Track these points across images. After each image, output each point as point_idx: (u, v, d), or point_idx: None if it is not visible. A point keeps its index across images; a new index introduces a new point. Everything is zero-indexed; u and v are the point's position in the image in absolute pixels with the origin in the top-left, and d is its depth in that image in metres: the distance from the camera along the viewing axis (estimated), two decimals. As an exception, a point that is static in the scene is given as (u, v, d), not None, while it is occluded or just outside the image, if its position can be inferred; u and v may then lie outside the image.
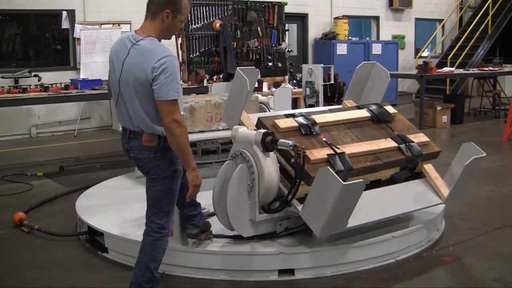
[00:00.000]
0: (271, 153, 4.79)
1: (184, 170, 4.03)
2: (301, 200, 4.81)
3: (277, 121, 5.21)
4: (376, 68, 6.18)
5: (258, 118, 5.30)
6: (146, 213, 4.21)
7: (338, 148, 5.06)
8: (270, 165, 4.76)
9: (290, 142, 4.45)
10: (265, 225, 5.05)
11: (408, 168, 5.52)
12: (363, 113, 5.73)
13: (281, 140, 4.64)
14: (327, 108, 6.13)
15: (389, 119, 5.73)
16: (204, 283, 4.81)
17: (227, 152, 5.93)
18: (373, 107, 5.83)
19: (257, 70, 6.05)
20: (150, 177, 4.06)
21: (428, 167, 5.64)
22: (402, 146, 5.40)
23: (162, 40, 4.01)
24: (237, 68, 5.38)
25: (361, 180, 4.47)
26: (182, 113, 4.21)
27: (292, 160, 4.57)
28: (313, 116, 5.44)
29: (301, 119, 5.30)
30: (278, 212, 4.92)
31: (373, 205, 5.14)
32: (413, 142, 5.49)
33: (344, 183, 4.27)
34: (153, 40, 3.91)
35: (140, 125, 3.95)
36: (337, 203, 4.37)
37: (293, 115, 5.39)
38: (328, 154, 4.96)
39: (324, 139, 5.17)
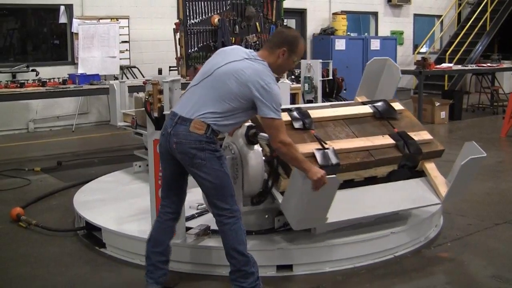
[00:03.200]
0: (256, 147, 4.88)
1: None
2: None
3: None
4: (388, 64, 6.13)
5: None
6: (209, 206, 4.36)
7: (326, 143, 5.08)
8: (253, 158, 4.85)
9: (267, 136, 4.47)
10: (253, 217, 5.16)
11: (407, 166, 5.42)
12: (366, 109, 5.68)
13: (261, 134, 4.73)
14: (328, 104, 6.13)
15: (393, 116, 5.65)
16: (201, 278, 4.80)
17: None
18: (379, 104, 5.75)
19: None
20: (195, 162, 4.09)
21: (429, 166, 5.52)
22: (400, 143, 5.34)
23: None
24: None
25: (334, 176, 4.42)
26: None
27: (268, 154, 4.82)
28: (311, 111, 5.44)
29: (295, 114, 5.33)
30: (260, 204, 5.11)
31: (362, 201, 5.13)
32: (412, 139, 5.40)
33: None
34: (265, 65, 4.18)
35: (199, 111, 4.08)
36: (309, 197, 4.37)
37: (289, 110, 5.40)
38: (314, 149, 5.00)
39: (315, 134, 5.19)
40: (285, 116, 5.24)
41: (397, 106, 5.78)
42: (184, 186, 4.43)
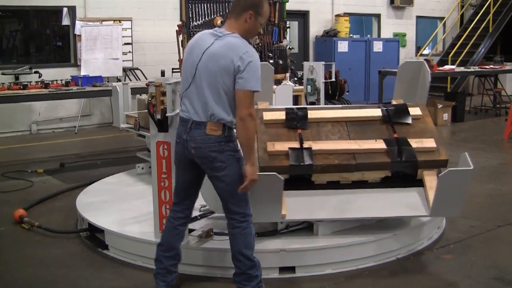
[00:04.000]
0: None
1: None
2: None
3: (264, 113, 5.50)
4: (424, 68, 5.83)
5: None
6: (223, 209, 4.33)
7: (303, 143, 5.18)
8: None
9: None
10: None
11: (403, 173, 5.22)
12: (376, 112, 5.56)
13: None
14: (340, 105, 6.15)
15: (404, 121, 5.46)
16: (204, 280, 4.80)
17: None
18: (393, 107, 5.57)
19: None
20: (215, 165, 4.10)
21: (429, 176, 5.25)
22: (392, 149, 5.19)
23: None
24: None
25: (274, 173, 4.56)
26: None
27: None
28: (314, 112, 5.52)
29: (291, 114, 5.46)
30: None
31: (341, 203, 5.16)
32: (409, 146, 5.21)
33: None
34: (238, 37, 4.11)
35: (207, 112, 4.06)
36: (254, 192, 4.44)
37: (290, 109, 5.56)
38: (289, 148, 5.13)
39: (300, 133, 5.30)
40: (279, 115, 5.48)
41: (415, 111, 5.55)
42: (198, 191, 4.48)
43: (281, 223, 5.18)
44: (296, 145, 5.21)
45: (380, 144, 5.25)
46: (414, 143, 5.26)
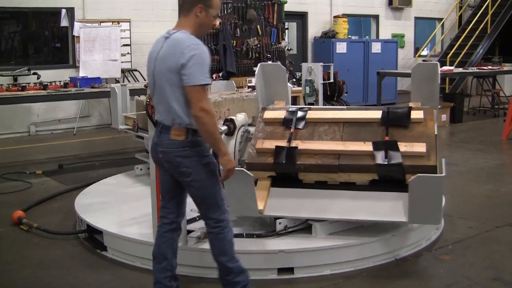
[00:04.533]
0: (234, 138, 5.60)
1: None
2: None
3: (266, 112, 5.72)
4: (436, 70, 5.65)
5: (261, 107, 5.88)
6: (200, 212, 4.33)
7: (290, 142, 5.31)
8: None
9: None
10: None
11: (390, 177, 5.13)
12: (375, 114, 5.49)
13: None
14: (344, 107, 6.15)
15: (403, 123, 5.29)
16: (203, 281, 4.81)
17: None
18: (395, 110, 5.47)
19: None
20: (181, 171, 4.06)
21: None
22: (379, 152, 5.08)
23: None
24: (260, 64, 5.97)
25: (243, 169, 4.66)
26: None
27: None
28: (313, 112, 5.59)
29: (288, 114, 5.58)
30: None
31: (320, 204, 5.19)
32: (397, 150, 5.06)
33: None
34: (185, 32, 4.03)
35: (170, 117, 4.01)
36: (227, 187, 4.57)
37: (292, 109, 5.69)
38: (276, 146, 5.27)
39: (292, 131, 5.41)
40: (279, 114, 5.63)
41: (418, 114, 5.36)
42: (182, 194, 4.32)
43: (279, 224, 5.18)
44: (283, 143, 5.31)
45: (367, 147, 5.18)
46: (403, 147, 5.09)
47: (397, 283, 4.86)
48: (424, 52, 19.79)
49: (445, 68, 15.14)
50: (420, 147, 5.07)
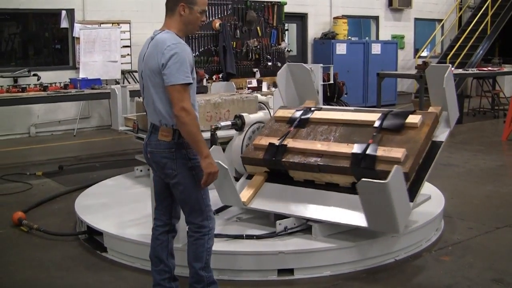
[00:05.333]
0: (243, 133, 6.01)
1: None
2: None
3: (278, 110, 6.02)
4: (450, 71, 5.46)
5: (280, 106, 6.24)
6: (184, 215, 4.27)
7: (281, 140, 5.51)
8: (235, 140, 6.08)
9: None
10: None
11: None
12: (372, 116, 5.47)
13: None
14: (352, 108, 6.14)
15: (395, 128, 5.21)
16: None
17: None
18: (394, 113, 5.42)
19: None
20: (166, 172, 4.04)
21: None
22: (357, 155, 5.04)
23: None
24: (287, 64, 6.18)
25: (218, 161, 4.54)
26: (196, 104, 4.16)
27: None
28: (319, 112, 5.67)
29: (297, 113, 5.75)
30: None
31: (298, 201, 5.28)
32: (373, 154, 5.00)
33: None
34: (169, 32, 4.00)
35: (157, 118, 4.00)
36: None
37: (299, 110, 5.89)
38: (269, 142, 5.52)
39: (290, 130, 5.62)
40: (288, 113, 5.88)
41: (414, 118, 5.25)
42: (173, 196, 4.26)
43: (279, 225, 5.19)
44: (277, 141, 5.48)
45: (348, 149, 5.16)
46: (382, 151, 5.00)
47: (397, 284, 4.86)
48: (424, 53, 19.79)
49: (445, 69, 15.12)
50: (397, 153, 4.95)
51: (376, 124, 5.36)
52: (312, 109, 5.83)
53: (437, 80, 5.47)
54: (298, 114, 5.77)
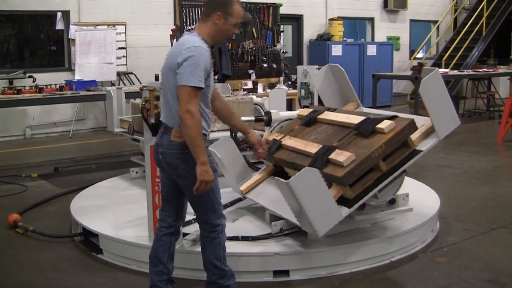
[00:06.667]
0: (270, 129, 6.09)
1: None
2: None
3: (304, 109, 6.19)
4: (435, 76, 5.30)
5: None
6: (196, 216, 4.29)
7: (281, 137, 5.67)
8: (264, 136, 6.06)
9: None
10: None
11: None
12: (356, 119, 5.33)
13: None
14: (364, 111, 6.08)
15: (364, 133, 5.00)
16: (198, 284, 4.80)
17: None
18: (371, 118, 5.22)
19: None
20: (179, 173, 4.05)
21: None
22: (315, 155, 5.00)
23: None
24: (328, 64, 6.22)
25: (211, 149, 4.91)
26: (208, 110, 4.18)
27: None
28: (327, 112, 5.69)
29: (310, 113, 5.83)
30: None
31: (280, 197, 5.10)
32: (324, 157, 4.93)
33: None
34: (196, 35, 4.03)
35: (172, 117, 4.02)
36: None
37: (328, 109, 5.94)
38: (273, 138, 5.72)
39: (296, 128, 5.76)
40: (307, 112, 5.90)
41: (385, 124, 4.93)
42: (180, 198, 4.30)
43: (275, 226, 5.19)
44: (278, 137, 5.64)
45: (315, 149, 5.12)
46: (334, 154, 4.88)
47: (392, 285, 4.87)
48: (420, 55, 19.83)
49: (440, 70, 15.14)
50: (343, 157, 4.77)
51: (354, 127, 5.22)
52: (324, 109, 5.83)
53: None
54: (311, 113, 5.80)
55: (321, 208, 4.59)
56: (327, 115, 5.62)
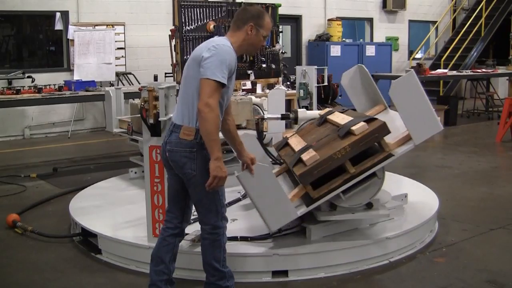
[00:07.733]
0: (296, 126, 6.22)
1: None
2: None
3: (326, 109, 6.32)
4: (409, 79, 5.11)
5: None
6: (198, 216, 4.27)
7: (287, 137, 5.78)
8: None
9: None
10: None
11: None
12: (346, 120, 5.30)
13: None
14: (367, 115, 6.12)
15: (341, 133, 4.94)
16: (197, 284, 4.80)
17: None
18: (353, 119, 5.15)
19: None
20: (185, 172, 4.04)
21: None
22: (296, 154, 5.05)
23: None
24: (357, 65, 6.08)
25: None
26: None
27: None
28: (334, 113, 5.70)
29: (326, 113, 5.85)
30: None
31: None
32: (298, 156, 4.97)
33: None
34: (227, 39, 4.09)
35: (183, 113, 4.02)
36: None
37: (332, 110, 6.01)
38: (285, 136, 5.87)
39: (307, 126, 5.93)
40: (325, 111, 5.93)
41: (357, 126, 4.83)
42: (187, 200, 4.30)
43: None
44: (289, 135, 5.82)
45: (300, 147, 5.17)
46: (305, 154, 4.91)
47: (391, 285, 4.87)
48: (418, 55, 19.83)
49: (439, 71, 15.19)
50: (307, 156, 4.83)
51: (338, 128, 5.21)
52: (335, 110, 5.85)
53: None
54: (325, 113, 5.81)
55: (273, 204, 4.71)
56: (335, 116, 5.61)
